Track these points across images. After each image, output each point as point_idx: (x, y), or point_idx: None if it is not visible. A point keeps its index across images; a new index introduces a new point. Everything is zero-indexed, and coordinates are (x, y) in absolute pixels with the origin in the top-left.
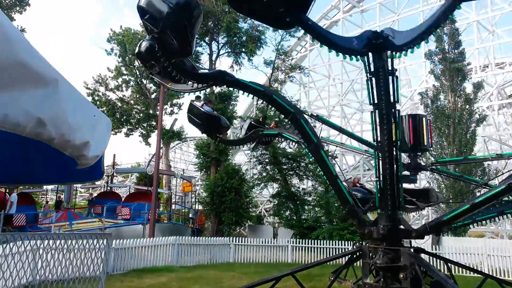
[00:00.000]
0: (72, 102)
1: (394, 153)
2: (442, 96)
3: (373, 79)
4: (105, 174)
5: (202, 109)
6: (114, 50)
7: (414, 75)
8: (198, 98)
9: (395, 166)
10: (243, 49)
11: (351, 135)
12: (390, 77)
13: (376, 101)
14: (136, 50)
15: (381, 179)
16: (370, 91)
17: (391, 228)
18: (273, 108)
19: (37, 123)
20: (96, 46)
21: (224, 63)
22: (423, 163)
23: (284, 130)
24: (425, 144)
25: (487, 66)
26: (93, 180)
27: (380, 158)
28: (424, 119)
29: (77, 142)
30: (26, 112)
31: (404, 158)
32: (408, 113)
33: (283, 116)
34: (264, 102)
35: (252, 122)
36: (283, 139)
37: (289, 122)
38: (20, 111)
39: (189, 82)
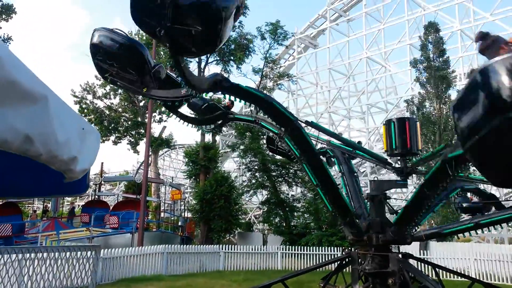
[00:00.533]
0: (61, 117)
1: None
2: (428, 103)
3: None
4: (92, 183)
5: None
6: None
7: (400, 82)
8: None
9: None
10: (232, 57)
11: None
12: None
13: None
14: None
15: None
16: None
17: (390, 235)
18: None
19: (25, 140)
20: (83, 54)
21: (212, 71)
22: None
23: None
24: (417, 148)
25: None
26: (77, 194)
27: None
28: (415, 123)
29: (65, 157)
30: (13, 128)
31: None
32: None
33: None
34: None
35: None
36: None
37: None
38: (8, 128)
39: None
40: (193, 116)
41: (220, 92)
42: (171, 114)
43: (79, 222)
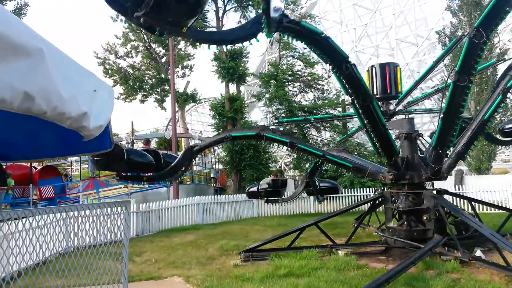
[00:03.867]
0: (64, 71)
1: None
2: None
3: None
4: (125, 142)
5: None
6: (120, 16)
7: (430, 12)
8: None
9: None
10: (250, 2)
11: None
12: None
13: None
14: None
15: None
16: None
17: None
18: None
19: (25, 97)
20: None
21: (231, 19)
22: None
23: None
24: (399, 91)
25: None
26: (102, 150)
27: None
28: (395, 67)
29: (74, 114)
30: (10, 86)
31: None
32: (426, 54)
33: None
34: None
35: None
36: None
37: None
38: (4, 86)
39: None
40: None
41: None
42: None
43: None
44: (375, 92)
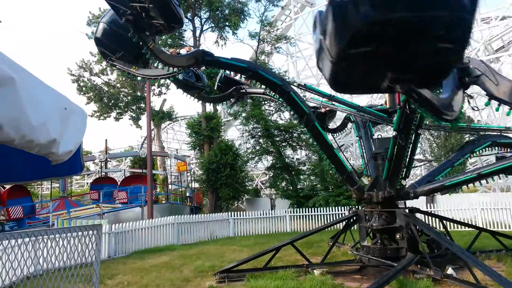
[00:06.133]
0: (35, 98)
1: None
2: None
3: None
4: (98, 160)
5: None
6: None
7: None
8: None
9: None
10: (227, 23)
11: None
12: None
13: None
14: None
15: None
16: None
17: (392, 192)
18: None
19: None
20: (75, 31)
21: (208, 39)
22: None
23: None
24: None
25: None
26: (73, 174)
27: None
28: None
29: (42, 141)
30: None
31: None
32: None
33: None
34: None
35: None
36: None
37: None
38: None
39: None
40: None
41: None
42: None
43: (89, 199)
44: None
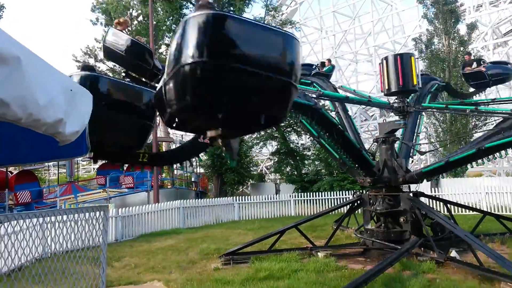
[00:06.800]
0: (41, 78)
1: None
2: (436, 39)
3: None
4: None
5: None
6: (100, 20)
7: (407, 20)
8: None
9: None
10: (231, 8)
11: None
12: None
13: None
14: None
15: None
16: None
17: (397, 175)
18: None
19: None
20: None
21: None
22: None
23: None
24: (414, 84)
25: (481, 6)
26: (78, 156)
27: None
28: (411, 57)
29: (49, 120)
30: None
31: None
32: None
33: None
34: None
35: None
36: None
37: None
38: None
39: None
40: None
41: None
42: None
43: (95, 184)
44: (387, 87)
